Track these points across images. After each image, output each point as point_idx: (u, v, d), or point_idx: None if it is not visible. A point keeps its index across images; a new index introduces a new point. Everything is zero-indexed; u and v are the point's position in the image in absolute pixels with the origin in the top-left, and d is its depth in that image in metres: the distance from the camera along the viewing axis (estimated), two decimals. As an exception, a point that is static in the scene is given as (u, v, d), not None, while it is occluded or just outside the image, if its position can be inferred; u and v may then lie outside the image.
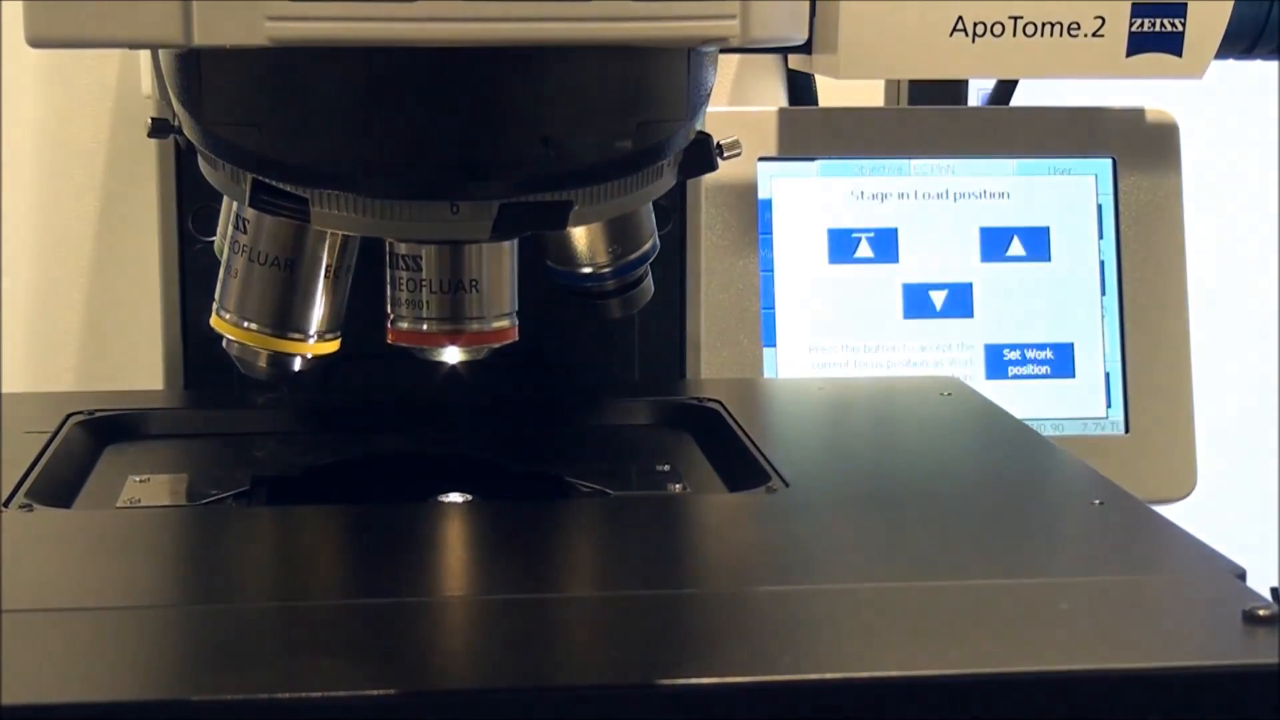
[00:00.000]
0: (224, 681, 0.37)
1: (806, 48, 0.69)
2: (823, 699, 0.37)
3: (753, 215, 0.77)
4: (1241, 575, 0.44)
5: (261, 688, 0.36)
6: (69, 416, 0.61)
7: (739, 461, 0.58)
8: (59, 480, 0.56)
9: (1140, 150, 0.79)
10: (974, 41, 0.68)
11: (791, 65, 0.79)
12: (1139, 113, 0.79)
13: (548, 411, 0.65)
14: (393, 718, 0.36)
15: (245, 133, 0.47)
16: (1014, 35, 0.68)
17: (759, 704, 0.37)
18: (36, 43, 0.41)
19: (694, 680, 0.37)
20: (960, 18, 0.67)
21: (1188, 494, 0.78)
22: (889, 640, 0.41)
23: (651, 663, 0.39)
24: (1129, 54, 0.69)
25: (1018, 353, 0.79)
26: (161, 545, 0.50)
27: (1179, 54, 0.69)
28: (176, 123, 0.50)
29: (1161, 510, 0.51)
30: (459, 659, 0.41)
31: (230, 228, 0.53)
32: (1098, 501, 0.52)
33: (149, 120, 0.54)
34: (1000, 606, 0.42)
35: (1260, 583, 0.43)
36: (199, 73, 0.47)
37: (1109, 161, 0.79)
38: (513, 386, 0.65)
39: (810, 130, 0.78)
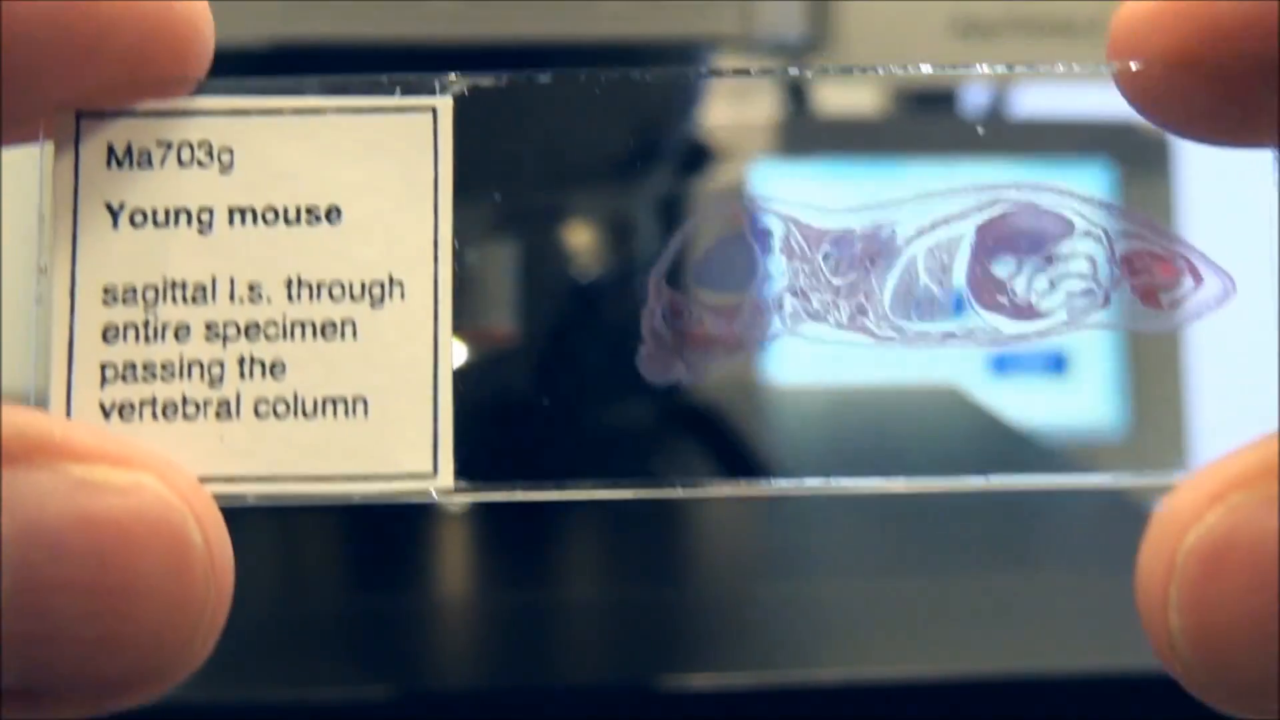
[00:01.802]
0: (224, 681, 0.37)
1: (805, 48, 0.69)
2: (823, 699, 0.37)
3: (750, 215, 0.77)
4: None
5: (261, 688, 0.36)
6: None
7: (739, 464, 0.58)
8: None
9: (1139, 154, 0.79)
10: (973, 38, 0.68)
11: (789, 67, 0.79)
12: (1139, 121, 0.79)
13: (547, 413, 0.65)
14: (393, 718, 0.36)
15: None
16: (1013, 31, 0.68)
17: (759, 704, 0.37)
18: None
19: (694, 680, 0.37)
20: (958, 17, 0.67)
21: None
22: (889, 640, 0.40)
23: (651, 663, 0.39)
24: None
25: (1017, 355, 0.79)
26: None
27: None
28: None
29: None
30: (459, 659, 0.41)
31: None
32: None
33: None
34: (999, 607, 0.42)
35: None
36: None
37: (1107, 165, 0.79)
38: (512, 388, 0.65)
39: (807, 134, 0.78)
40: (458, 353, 0.20)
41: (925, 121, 0.81)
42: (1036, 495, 0.56)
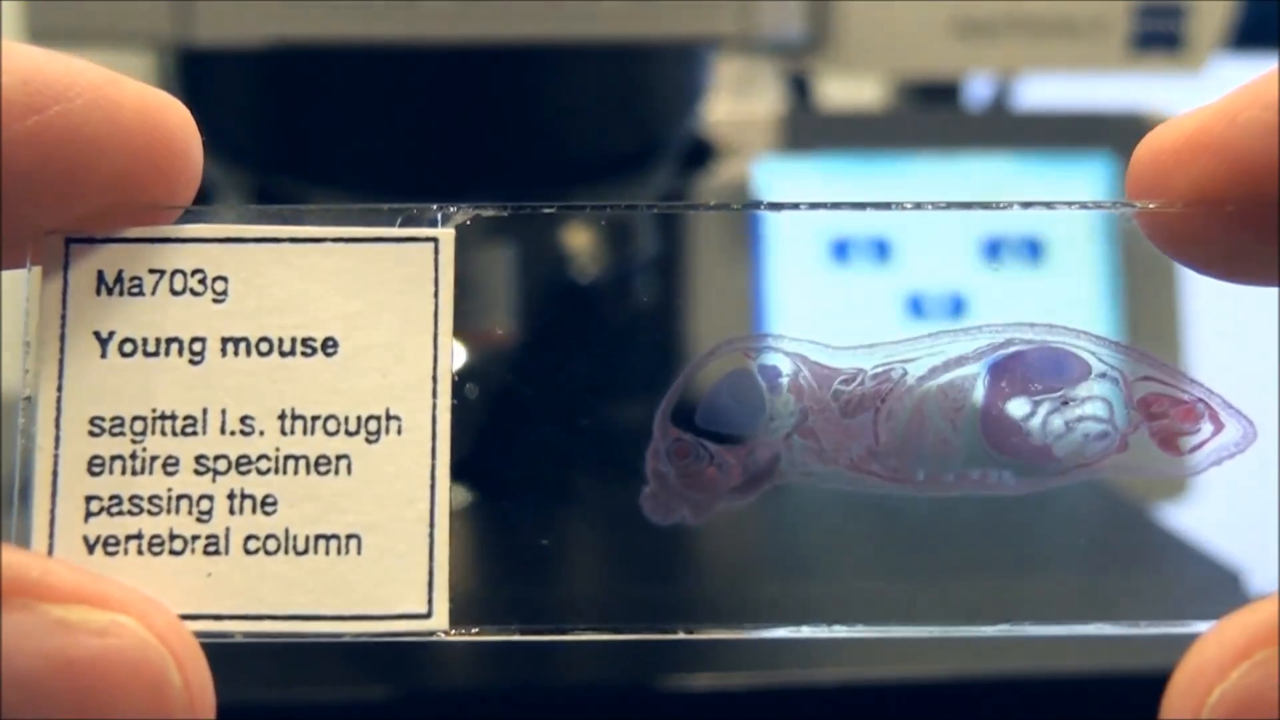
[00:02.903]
0: (224, 681, 0.37)
1: (806, 46, 0.69)
2: (823, 699, 0.37)
3: (748, 218, 0.77)
4: (1237, 577, 0.44)
5: (261, 688, 0.36)
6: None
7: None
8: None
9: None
10: (973, 37, 0.68)
11: (790, 65, 0.79)
12: (1140, 115, 0.79)
13: (545, 414, 0.65)
14: (393, 717, 0.36)
15: (243, 131, 0.47)
16: (1013, 31, 0.68)
17: (759, 704, 0.37)
18: (39, 38, 0.41)
19: (694, 680, 0.37)
20: (959, 13, 0.67)
21: (1182, 496, 0.78)
22: (889, 640, 0.41)
23: (651, 663, 0.39)
24: (1128, 49, 0.69)
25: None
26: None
27: (1178, 49, 0.69)
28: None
29: (1158, 510, 0.51)
30: (459, 659, 0.41)
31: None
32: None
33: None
34: (999, 608, 0.42)
35: (1260, 583, 0.43)
36: (200, 70, 0.47)
37: (1110, 164, 0.79)
38: (509, 390, 0.65)
39: (810, 129, 0.78)
40: (456, 492, 0.19)
41: (928, 115, 0.81)
42: (1035, 496, 0.55)
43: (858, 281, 0.78)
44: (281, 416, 0.19)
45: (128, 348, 0.19)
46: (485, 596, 0.20)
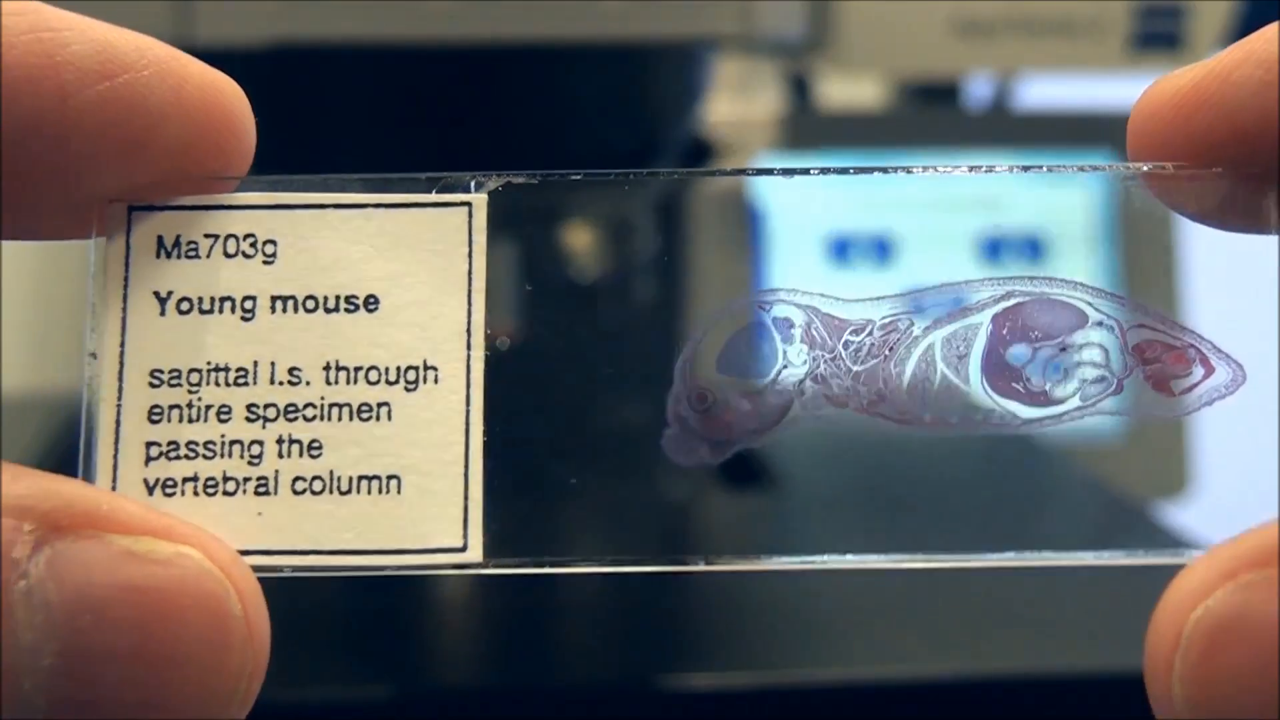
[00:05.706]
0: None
1: (806, 46, 0.69)
2: (823, 699, 0.37)
3: (749, 217, 0.77)
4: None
5: (262, 687, 0.36)
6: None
7: (739, 461, 0.58)
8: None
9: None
10: (973, 37, 0.68)
11: (790, 65, 0.79)
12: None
13: (544, 413, 0.65)
14: (393, 717, 0.36)
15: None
16: (1013, 31, 0.68)
17: (759, 704, 0.37)
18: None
19: (694, 680, 0.37)
20: (959, 13, 0.67)
21: (1183, 494, 0.78)
22: (889, 640, 0.41)
23: (651, 663, 0.39)
24: (1128, 49, 0.69)
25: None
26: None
27: (1179, 49, 0.69)
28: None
29: (1158, 510, 0.51)
30: (459, 659, 0.41)
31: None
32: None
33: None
34: (999, 607, 0.43)
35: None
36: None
37: (1109, 157, 0.79)
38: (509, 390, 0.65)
39: (810, 128, 0.78)
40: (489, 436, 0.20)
41: (928, 115, 0.81)
42: (1036, 495, 0.56)
43: (859, 277, 0.78)
44: (326, 368, 0.20)
45: (184, 306, 0.20)
46: (517, 532, 0.20)
